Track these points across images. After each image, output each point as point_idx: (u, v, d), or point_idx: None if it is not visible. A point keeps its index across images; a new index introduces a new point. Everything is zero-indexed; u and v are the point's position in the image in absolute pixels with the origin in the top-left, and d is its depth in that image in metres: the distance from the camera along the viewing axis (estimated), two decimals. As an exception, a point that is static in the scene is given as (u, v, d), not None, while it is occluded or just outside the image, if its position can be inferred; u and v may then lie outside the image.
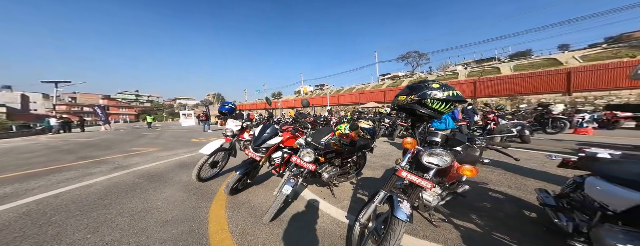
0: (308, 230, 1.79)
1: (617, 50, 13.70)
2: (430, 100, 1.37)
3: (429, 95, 1.38)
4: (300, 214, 2.08)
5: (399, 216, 1.23)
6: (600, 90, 10.05)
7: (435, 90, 1.38)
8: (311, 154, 1.91)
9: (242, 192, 2.63)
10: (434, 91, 1.38)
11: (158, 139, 8.98)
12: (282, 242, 1.63)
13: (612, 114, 7.64)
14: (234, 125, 3.19)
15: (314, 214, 2.07)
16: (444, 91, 1.37)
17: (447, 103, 1.38)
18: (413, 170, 1.51)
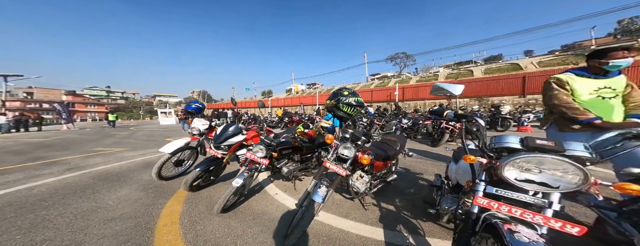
0: (261, 217, 1.83)
1: (566, 57, 14.61)
2: (342, 104, 1.59)
3: (341, 101, 1.61)
4: (257, 205, 2.10)
5: (314, 198, 1.36)
6: (548, 93, 11.22)
7: (345, 97, 1.63)
8: (263, 150, 1.95)
9: (206, 189, 2.54)
10: (344, 97, 1.62)
11: (128, 138, 8.13)
12: (232, 229, 1.64)
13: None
14: (200, 124, 3.08)
15: (272, 204, 2.11)
16: (350, 97, 1.61)
17: (352, 106, 1.61)
18: (335, 160, 1.66)
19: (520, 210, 0.87)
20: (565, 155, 0.82)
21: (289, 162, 2.57)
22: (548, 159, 0.83)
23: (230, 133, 2.51)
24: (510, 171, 0.89)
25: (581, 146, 0.84)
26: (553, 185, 0.85)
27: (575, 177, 0.81)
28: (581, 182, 0.80)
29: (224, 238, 1.54)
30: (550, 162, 0.83)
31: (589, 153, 0.81)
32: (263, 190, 2.52)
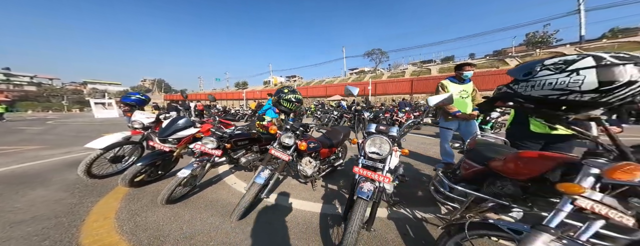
0: (213, 204, 1.84)
1: (493, 61, 17.54)
2: (282, 100, 1.84)
3: (281, 97, 1.86)
4: (212, 194, 2.08)
5: (255, 180, 1.55)
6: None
7: (285, 94, 1.89)
8: (213, 141, 1.93)
9: (153, 184, 2.31)
10: (284, 94, 1.88)
11: (44, 134, 6.33)
12: (179, 217, 1.60)
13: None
14: (143, 117, 2.72)
15: (228, 193, 2.12)
16: (289, 95, 1.90)
17: (292, 102, 1.87)
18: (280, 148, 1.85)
19: (370, 172, 1.27)
20: (387, 135, 1.31)
21: (247, 153, 2.59)
22: (378, 138, 1.30)
23: (180, 126, 2.34)
24: (369, 146, 1.33)
25: (395, 130, 1.35)
26: (382, 154, 1.31)
27: (387, 147, 1.29)
28: (387, 151, 1.28)
29: (168, 225, 1.51)
30: (380, 139, 1.30)
31: (397, 133, 1.34)
32: (222, 181, 2.48)
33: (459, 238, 0.96)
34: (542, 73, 0.74)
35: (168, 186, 1.67)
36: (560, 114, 0.80)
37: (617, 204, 0.70)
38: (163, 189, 1.69)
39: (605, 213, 0.69)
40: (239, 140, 2.36)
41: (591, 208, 0.70)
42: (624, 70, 0.63)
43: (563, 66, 0.71)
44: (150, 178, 2.30)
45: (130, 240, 1.33)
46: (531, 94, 0.78)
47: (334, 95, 19.58)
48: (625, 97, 0.65)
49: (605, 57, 0.67)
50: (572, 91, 0.69)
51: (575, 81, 0.68)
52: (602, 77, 0.64)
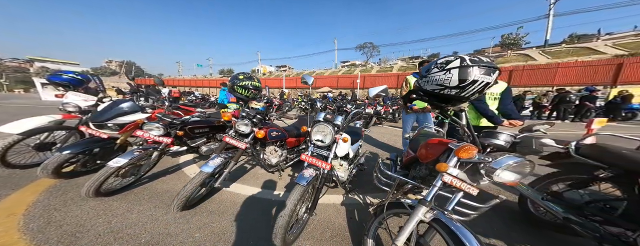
0: (161, 196, 1.64)
1: None
2: (237, 87, 1.68)
3: (236, 83, 1.70)
4: (163, 185, 1.86)
5: (201, 168, 1.41)
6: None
7: (239, 80, 1.75)
8: (160, 128, 1.68)
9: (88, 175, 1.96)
10: (239, 80, 1.74)
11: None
12: (110, 210, 1.39)
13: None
14: (79, 99, 2.27)
15: (183, 183, 1.90)
16: (245, 81, 1.76)
17: (248, 89, 1.74)
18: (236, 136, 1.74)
19: (315, 159, 1.32)
20: (332, 123, 1.35)
21: (209, 141, 2.37)
22: (323, 125, 1.34)
23: (123, 110, 1.99)
24: (314, 134, 1.37)
25: (340, 119, 1.39)
26: (326, 141, 1.36)
27: (330, 136, 1.33)
28: (330, 139, 1.33)
29: (92, 220, 1.29)
30: (324, 127, 1.34)
31: (340, 122, 1.39)
32: (180, 171, 2.24)
33: (381, 217, 1.03)
34: (433, 71, 0.86)
35: (94, 177, 1.41)
36: (443, 106, 0.97)
37: (466, 178, 0.91)
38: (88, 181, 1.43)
39: (459, 185, 0.87)
40: (196, 128, 2.12)
41: (451, 182, 0.88)
42: (471, 71, 0.78)
43: (443, 65, 0.84)
44: (85, 168, 1.96)
45: (33, 238, 1.10)
46: (426, 88, 0.91)
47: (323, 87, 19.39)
48: (473, 93, 0.83)
49: (466, 59, 0.81)
50: (445, 86, 0.84)
51: (447, 78, 0.82)
52: (460, 76, 0.79)
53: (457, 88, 0.82)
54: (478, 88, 0.80)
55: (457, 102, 0.91)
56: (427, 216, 0.85)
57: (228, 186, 1.91)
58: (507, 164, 0.79)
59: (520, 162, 0.80)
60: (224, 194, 1.76)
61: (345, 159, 1.83)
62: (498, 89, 1.88)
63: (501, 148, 0.97)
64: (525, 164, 0.80)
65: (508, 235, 1.38)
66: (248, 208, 1.58)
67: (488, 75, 0.78)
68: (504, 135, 1.01)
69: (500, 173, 0.81)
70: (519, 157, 0.82)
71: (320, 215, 1.53)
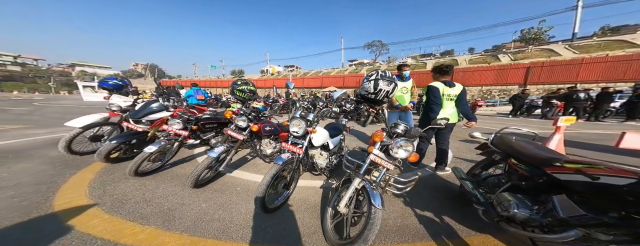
0: (179, 177, 2.06)
1: (487, 57, 17.92)
2: (235, 90, 2.04)
3: (235, 87, 2.05)
4: (181, 170, 2.29)
5: (209, 154, 1.76)
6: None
7: (237, 85, 2.09)
8: (179, 123, 2.11)
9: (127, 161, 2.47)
10: (237, 85, 2.08)
11: (29, 115, 6.16)
12: (144, 186, 1.84)
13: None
14: (121, 101, 2.81)
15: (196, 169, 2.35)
16: (242, 86, 2.10)
17: (244, 92, 2.08)
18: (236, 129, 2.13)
19: (291, 146, 1.60)
20: (304, 119, 1.62)
21: (218, 135, 2.81)
22: (297, 120, 1.59)
23: (153, 109, 2.48)
24: (291, 127, 1.63)
25: (312, 115, 1.67)
26: (299, 133, 1.62)
27: (303, 129, 1.60)
28: (303, 131, 1.60)
29: (132, 192, 1.74)
30: (298, 122, 1.61)
31: (312, 118, 1.66)
32: (194, 160, 2.69)
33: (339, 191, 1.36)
34: (365, 79, 1.32)
35: (134, 160, 1.87)
36: (372, 105, 1.49)
37: (384, 156, 1.28)
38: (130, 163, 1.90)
39: (380, 162, 1.25)
40: (207, 123, 2.55)
41: (374, 160, 1.25)
42: (380, 82, 1.26)
43: (369, 77, 1.29)
44: (126, 155, 2.48)
45: (96, 202, 1.56)
46: (361, 93, 1.35)
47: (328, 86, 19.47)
48: (382, 97, 1.29)
49: (380, 72, 1.29)
50: (369, 92, 1.29)
51: (369, 87, 1.28)
52: (374, 85, 1.26)
53: (373, 94, 1.27)
54: (383, 94, 1.25)
55: (378, 103, 1.34)
56: (359, 185, 1.19)
57: (231, 172, 2.31)
58: (398, 143, 1.20)
59: (405, 141, 1.19)
60: (227, 178, 2.16)
61: (325, 149, 2.14)
62: (454, 91, 2.06)
63: (400, 134, 1.33)
64: (408, 144, 1.19)
65: (440, 208, 1.65)
66: (244, 188, 1.95)
67: (388, 85, 1.25)
68: (402, 126, 1.34)
69: (397, 150, 1.20)
70: (405, 139, 1.21)
71: (302, 194, 1.85)
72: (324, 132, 1.90)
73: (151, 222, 1.37)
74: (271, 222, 1.43)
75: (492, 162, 1.55)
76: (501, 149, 1.37)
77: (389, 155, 1.27)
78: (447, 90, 2.03)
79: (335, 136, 2.24)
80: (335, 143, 2.28)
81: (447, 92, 2.03)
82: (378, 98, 1.27)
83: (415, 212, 1.57)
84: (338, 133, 2.32)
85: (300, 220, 1.47)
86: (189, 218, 1.44)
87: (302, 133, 1.62)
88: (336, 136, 2.28)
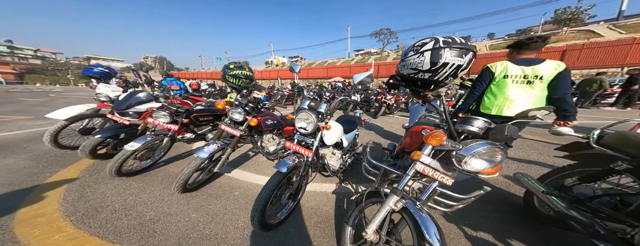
0: (172, 178, 1.79)
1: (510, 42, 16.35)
2: (228, 76, 1.64)
3: (226, 73, 1.64)
4: (175, 169, 2.02)
5: (197, 154, 1.44)
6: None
7: (230, 70, 1.67)
8: (166, 116, 1.77)
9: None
10: (229, 70, 1.66)
11: (40, 106, 6.19)
12: (128, 189, 1.57)
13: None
14: (109, 90, 2.51)
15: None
16: (236, 70, 1.67)
17: (239, 78, 1.65)
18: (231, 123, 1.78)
19: (298, 146, 1.27)
20: (315, 111, 1.24)
21: (215, 129, 2.48)
22: (306, 113, 1.23)
23: (142, 99, 2.16)
24: (298, 121, 1.27)
25: (324, 106, 1.28)
26: (308, 129, 1.25)
27: (313, 124, 1.23)
28: (313, 127, 1.23)
29: (113, 196, 1.48)
30: (307, 115, 1.23)
31: (324, 110, 1.26)
32: (192, 156, 2.41)
33: (361, 206, 0.99)
34: (410, 54, 0.81)
35: (114, 159, 1.58)
36: (420, 91, 0.91)
37: (439, 167, 0.83)
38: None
39: (432, 174, 0.80)
40: (200, 116, 2.21)
41: (423, 171, 0.81)
42: (443, 53, 0.73)
43: (418, 48, 0.79)
44: (115, 151, 2.22)
45: (65, 210, 1.30)
46: (402, 73, 0.87)
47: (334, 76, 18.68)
48: (446, 76, 0.77)
49: (439, 40, 0.75)
50: (419, 70, 0.79)
51: (420, 62, 0.78)
52: (432, 59, 0.75)
53: (429, 72, 0.77)
54: (450, 71, 0.75)
55: (435, 86, 0.86)
56: (398, 205, 0.81)
57: (229, 171, 2.01)
58: (476, 151, 0.72)
59: (489, 148, 0.72)
60: (224, 179, 1.85)
61: (338, 148, 1.74)
62: (538, 71, 1.27)
63: (475, 135, 0.83)
64: (496, 151, 0.72)
65: (500, 228, 1.23)
66: (243, 192, 1.64)
67: (460, 57, 0.73)
68: (479, 122, 0.83)
69: (469, 161, 0.74)
70: (489, 143, 0.73)
71: (311, 202, 1.52)
72: (338, 128, 1.49)
73: (124, 240, 1.09)
74: (274, 242, 1.12)
75: (604, 172, 1.00)
76: (627, 152, 0.90)
77: (444, 163, 0.86)
78: (515, 69, 1.32)
79: (349, 131, 1.83)
80: (350, 139, 1.88)
81: (514, 73, 1.32)
82: (438, 79, 0.79)
83: (465, 233, 1.19)
84: (352, 127, 1.90)
85: (311, 237, 1.15)
86: (173, 234, 1.15)
87: (312, 129, 1.22)
88: (350, 131, 1.87)
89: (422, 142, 0.87)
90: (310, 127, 1.22)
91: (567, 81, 1.30)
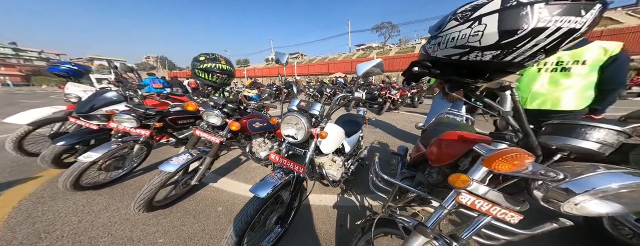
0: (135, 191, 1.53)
1: None
2: (197, 70, 1.30)
3: (196, 66, 1.31)
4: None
5: (162, 167, 1.22)
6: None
7: (200, 63, 1.31)
8: (131, 119, 1.49)
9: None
10: (199, 63, 1.31)
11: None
12: (91, 206, 1.32)
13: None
14: (79, 90, 2.23)
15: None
16: (207, 63, 1.32)
17: (213, 73, 1.31)
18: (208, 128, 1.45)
19: (286, 160, 0.97)
20: (306, 113, 0.94)
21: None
22: (293, 116, 0.92)
23: (109, 99, 1.88)
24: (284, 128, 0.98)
25: (318, 106, 0.96)
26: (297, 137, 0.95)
27: (303, 131, 0.91)
28: (304, 135, 0.92)
29: (67, 217, 1.22)
30: (295, 119, 0.92)
31: (319, 111, 0.96)
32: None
33: (369, 235, 0.74)
34: (450, 25, 0.47)
35: (67, 172, 1.31)
36: (469, 82, 0.54)
37: (503, 200, 0.54)
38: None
39: (487, 210, 0.53)
40: (179, 118, 1.92)
41: (472, 205, 0.54)
42: (530, 13, 0.37)
43: (468, 14, 0.44)
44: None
45: (3, 236, 1.05)
46: (436, 55, 0.52)
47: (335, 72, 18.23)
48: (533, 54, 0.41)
49: None
50: (472, 47, 0.44)
51: (475, 33, 0.43)
52: (503, 25, 0.40)
53: (496, 49, 0.41)
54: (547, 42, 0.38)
55: (499, 73, 0.50)
56: None
57: (215, 180, 1.75)
58: (605, 188, 0.39)
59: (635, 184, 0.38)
60: (207, 190, 1.59)
61: (339, 154, 1.45)
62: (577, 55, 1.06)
63: (589, 154, 0.50)
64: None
65: None
66: (228, 208, 1.38)
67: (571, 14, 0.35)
68: (601, 132, 0.49)
69: (584, 201, 0.42)
70: (634, 174, 0.40)
71: (306, 219, 1.25)
72: (338, 132, 1.19)
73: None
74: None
75: None
76: None
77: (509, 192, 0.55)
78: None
79: (352, 133, 1.52)
80: (353, 143, 1.58)
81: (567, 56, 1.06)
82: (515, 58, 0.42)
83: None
84: (356, 129, 1.59)
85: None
86: (128, 271, 0.89)
87: (303, 138, 0.92)
88: (354, 133, 1.56)
89: (464, 155, 0.59)
90: (301, 135, 0.92)
91: (624, 68, 1.03)
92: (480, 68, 0.50)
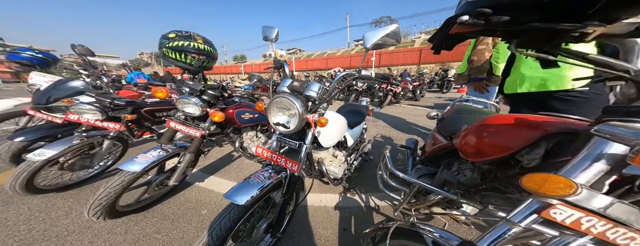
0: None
1: None
2: (166, 49, 1.03)
3: (164, 44, 1.04)
4: None
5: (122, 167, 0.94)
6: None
7: (169, 40, 1.05)
8: (94, 111, 1.25)
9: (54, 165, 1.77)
10: (167, 41, 1.05)
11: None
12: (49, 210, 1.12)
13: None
14: (44, 80, 1.96)
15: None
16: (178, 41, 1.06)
17: (187, 52, 1.05)
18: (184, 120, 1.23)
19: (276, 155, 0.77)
20: (301, 96, 0.72)
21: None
22: (285, 98, 0.69)
23: (73, 90, 1.62)
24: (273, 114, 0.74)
25: (316, 87, 0.73)
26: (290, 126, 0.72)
27: (297, 118, 0.69)
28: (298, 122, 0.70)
29: (16, 226, 1.02)
30: (286, 101, 0.70)
31: (317, 94, 0.72)
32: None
33: None
34: None
35: (17, 172, 1.08)
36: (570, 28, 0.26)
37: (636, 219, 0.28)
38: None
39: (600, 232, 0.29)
40: (156, 110, 1.68)
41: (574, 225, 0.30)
42: None
43: None
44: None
45: None
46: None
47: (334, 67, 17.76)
48: None
49: None
50: None
51: None
52: None
53: None
54: None
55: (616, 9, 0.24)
56: None
57: (202, 179, 1.55)
58: None
59: None
60: (191, 191, 1.39)
61: (340, 148, 1.25)
62: None
63: None
64: None
65: None
66: (214, 211, 1.19)
67: None
68: None
69: None
70: None
71: (304, 222, 1.08)
72: (340, 121, 1.00)
73: None
74: None
75: None
76: None
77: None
78: None
79: (355, 125, 1.33)
80: (356, 135, 1.39)
81: None
82: None
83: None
84: (359, 120, 1.39)
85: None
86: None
87: (297, 126, 0.71)
88: (357, 124, 1.36)
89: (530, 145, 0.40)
90: (294, 123, 0.71)
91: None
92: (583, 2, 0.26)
